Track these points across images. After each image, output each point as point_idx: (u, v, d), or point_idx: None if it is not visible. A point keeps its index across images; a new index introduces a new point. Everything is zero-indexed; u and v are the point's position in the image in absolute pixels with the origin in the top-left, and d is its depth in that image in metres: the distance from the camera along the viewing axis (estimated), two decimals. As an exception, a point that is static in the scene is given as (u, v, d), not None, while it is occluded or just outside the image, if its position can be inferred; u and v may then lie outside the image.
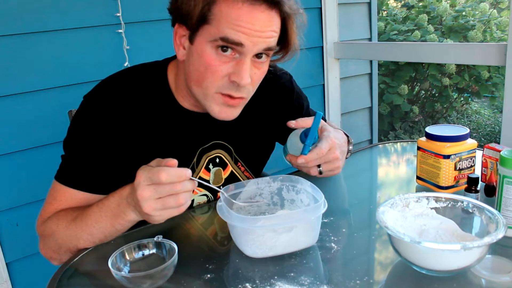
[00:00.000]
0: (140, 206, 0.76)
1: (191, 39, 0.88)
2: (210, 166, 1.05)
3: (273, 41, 0.87)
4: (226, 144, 1.07)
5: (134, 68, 1.02)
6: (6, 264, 1.60)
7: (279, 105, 1.13)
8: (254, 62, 0.88)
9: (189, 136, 1.01)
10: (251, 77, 0.88)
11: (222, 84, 0.87)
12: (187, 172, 0.76)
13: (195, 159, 1.03)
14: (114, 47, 1.69)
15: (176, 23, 0.90)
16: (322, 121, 1.00)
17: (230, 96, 0.89)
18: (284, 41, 0.93)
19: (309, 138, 0.95)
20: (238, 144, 1.08)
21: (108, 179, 0.94)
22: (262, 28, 0.84)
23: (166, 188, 0.75)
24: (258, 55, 0.88)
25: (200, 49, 0.86)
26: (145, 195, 0.75)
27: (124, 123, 0.95)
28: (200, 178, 1.05)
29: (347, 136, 1.11)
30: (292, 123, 0.97)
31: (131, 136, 0.96)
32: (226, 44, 0.84)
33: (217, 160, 1.06)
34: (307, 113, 1.18)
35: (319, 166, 0.96)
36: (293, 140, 1.01)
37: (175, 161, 0.77)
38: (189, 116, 1.01)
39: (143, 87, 0.98)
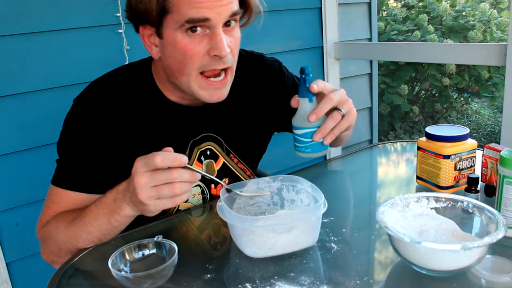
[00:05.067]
0: (136, 194, 0.76)
1: (159, 34, 0.89)
2: (202, 158, 1.06)
3: (234, 5, 0.87)
4: (216, 136, 1.07)
5: (120, 69, 1.03)
6: (6, 264, 1.60)
7: (271, 93, 1.12)
8: (225, 31, 0.88)
9: (179, 130, 1.02)
10: (229, 46, 0.88)
11: (204, 63, 0.88)
12: (183, 157, 0.76)
13: (187, 152, 1.03)
14: (114, 47, 1.69)
15: (139, 26, 0.91)
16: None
17: (214, 77, 0.89)
18: (244, 3, 0.92)
19: (306, 83, 0.88)
20: (228, 136, 1.08)
21: (103, 178, 0.94)
22: None
23: (162, 175, 0.76)
24: (226, 23, 0.88)
25: (172, 39, 0.87)
26: (141, 182, 0.76)
27: (115, 122, 0.96)
28: None
29: None
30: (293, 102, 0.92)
31: (123, 134, 0.96)
32: (193, 24, 0.84)
33: (208, 152, 1.06)
34: None
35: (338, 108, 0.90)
36: (298, 112, 0.91)
37: (170, 149, 0.78)
38: (178, 110, 1.01)
39: (131, 85, 0.99)
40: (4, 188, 1.56)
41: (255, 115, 1.12)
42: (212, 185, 1.08)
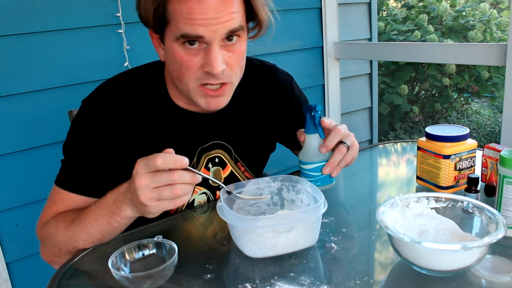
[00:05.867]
0: (137, 195, 0.76)
1: (162, 41, 0.90)
2: (210, 165, 1.05)
3: (234, 22, 0.85)
4: (226, 144, 1.07)
5: (131, 71, 1.02)
6: (6, 264, 1.60)
7: (279, 106, 1.13)
8: (225, 46, 0.87)
9: (188, 136, 1.01)
10: (226, 61, 0.87)
11: (198, 77, 0.88)
12: (184, 159, 0.76)
13: (195, 159, 1.03)
14: (114, 47, 1.69)
15: (148, 28, 0.92)
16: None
17: (211, 85, 0.89)
18: (252, 16, 0.91)
19: (309, 123, 0.94)
20: (237, 144, 1.08)
21: (107, 183, 0.93)
22: (217, 14, 0.82)
23: (163, 176, 0.75)
24: (228, 38, 0.87)
25: (171, 48, 0.87)
26: (142, 183, 0.75)
27: (123, 126, 0.95)
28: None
29: None
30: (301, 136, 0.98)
31: (130, 139, 0.96)
32: (188, 39, 0.84)
33: (217, 160, 1.06)
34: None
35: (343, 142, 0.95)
36: (306, 147, 0.98)
37: (171, 150, 0.78)
38: (188, 116, 1.01)
39: (141, 89, 0.98)
40: (4, 188, 1.56)
41: (263, 125, 1.12)
42: (218, 192, 1.08)
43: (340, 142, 0.95)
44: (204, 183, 1.06)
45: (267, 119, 1.12)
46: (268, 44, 2.11)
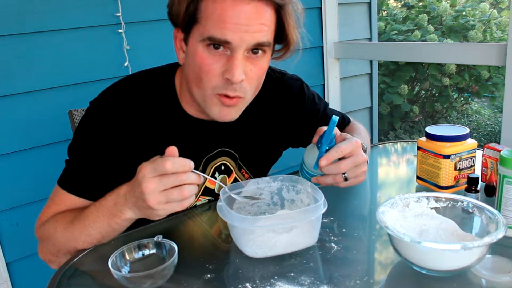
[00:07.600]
0: (145, 199, 0.75)
1: (186, 41, 0.88)
2: (216, 174, 1.05)
3: (263, 35, 0.84)
4: (231, 151, 1.06)
5: (141, 74, 1.01)
6: (6, 264, 1.60)
7: (289, 112, 1.11)
8: (249, 58, 0.86)
9: (194, 145, 1.00)
10: (246, 73, 0.85)
11: (217, 84, 0.86)
12: (191, 162, 0.76)
13: (200, 168, 1.02)
14: (114, 47, 1.69)
15: (174, 27, 0.90)
16: (340, 131, 0.95)
17: (227, 96, 0.87)
18: (282, 36, 0.90)
19: (325, 137, 0.90)
20: (243, 151, 1.08)
21: (110, 187, 0.91)
22: (249, 21, 0.81)
23: (171, 178, 0.75)
24: (253, 51, 0.86)
25: (193, 49, 0.86)
26: (151, 187, 0.75)
27: (129, 131, 0.94)
28: (206, 187, 1.05)
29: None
30: (314, 139, 0.95)
31: (136, 144, 0.95)
32: (214, 43, 0.83)
33: (223, 167, 1.06)
34: (324, 116, 1.15)
35: (344, 173, 0.91)
36: (310, 152, 0.97)
37: (175, 150, 0.77)
38: (195, 124, 1.00)
39: (150, 94, 0.97)
40: (4, 188, 1.56)
41: (271, 133, 1.11)
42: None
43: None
44: (209, 191, 1.06)
45: (275, 127, 1.11)
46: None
